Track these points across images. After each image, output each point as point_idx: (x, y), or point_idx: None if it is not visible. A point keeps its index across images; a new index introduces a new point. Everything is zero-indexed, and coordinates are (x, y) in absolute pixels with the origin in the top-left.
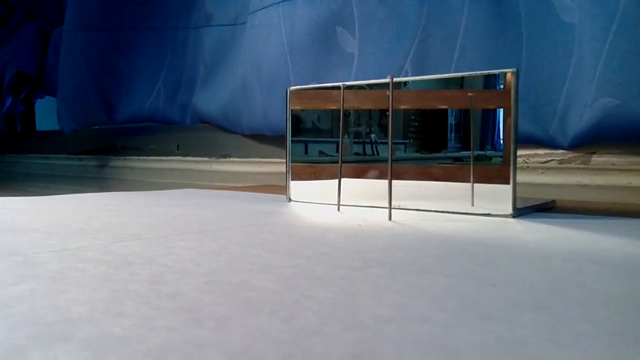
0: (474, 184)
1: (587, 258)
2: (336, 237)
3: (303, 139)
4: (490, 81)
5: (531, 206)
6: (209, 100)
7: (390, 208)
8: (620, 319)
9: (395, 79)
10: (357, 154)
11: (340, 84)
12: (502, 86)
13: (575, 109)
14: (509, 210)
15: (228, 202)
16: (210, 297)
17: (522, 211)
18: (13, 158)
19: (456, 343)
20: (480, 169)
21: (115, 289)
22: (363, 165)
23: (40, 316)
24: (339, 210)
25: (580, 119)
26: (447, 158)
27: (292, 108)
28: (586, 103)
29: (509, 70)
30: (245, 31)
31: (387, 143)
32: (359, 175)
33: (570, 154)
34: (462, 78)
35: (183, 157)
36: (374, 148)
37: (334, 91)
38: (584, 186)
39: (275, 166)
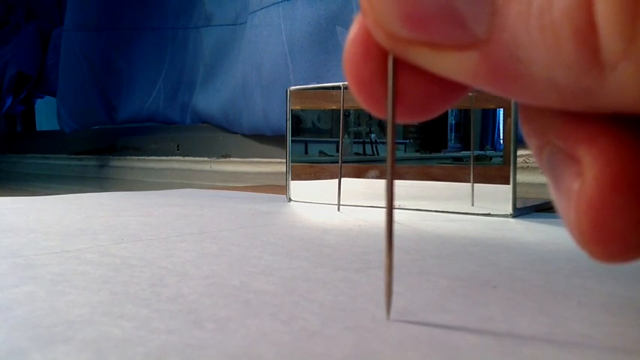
0: (474, 184)
1: (588, 258)
2: (336, 238)
3: (303, 139)
4: None
5: (531, 206)
6: (209, 100)
7: None
8: (622, 320)
9: None
10: (357, 154)
11: (340, 84)
12: None
13: None
14: (510, 210)
15: (228, 203)
16: (211, 299)
17: (522, 211)
18: (13, 158)
19: (456, 344)
20: (480, 169)
21: (115, 291)
22: (363, 165)
23: (41, 318)
24: (339, 210)
25: None
26: (447, 158)
27: (292, 108)
28: None
29: None
30: (245, 31)
31: (386, 143)
32: (359, 174)
33: None
34: None
35: (183, 157)
36: (374, 148)
37: (334, 91)
38: None
39: (275, 166)
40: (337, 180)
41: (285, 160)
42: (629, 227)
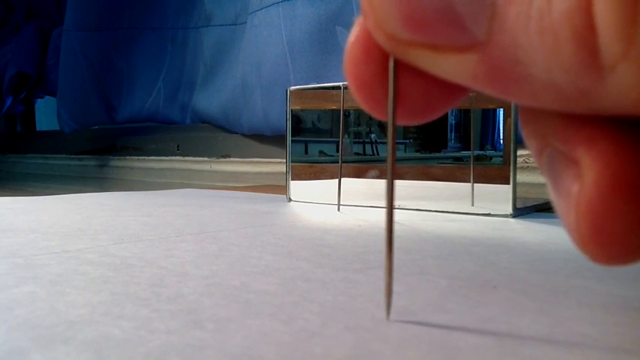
0: (474, 184)
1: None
2: (336, 238)
3: (303, 139)
4: None
5: (531, 206)
6: (209, 100)
7: None
8: (622, 320)
9: None
10: (357, 154)
11: (340, 84)
12: None
13: None
14: (510, 210)
15: (228, 203)
16: (211, 299)
17: (522, 211)
18: (13, 158)
19: (456, 344)
20: (480, 169)
21: (115, 291)
22: (363, 165)
23: (41, 318)
24: (339, 210)
25: None
26: (447, 158)
27: (292, 108)
28: None
29: None
30: (245, 31)
31: (386, 143)
32: (359, 174)
33: None
34: None
35: (183, 157)
36: (374, 148)
37: (334, 91)
38: None
39: (275, 166)
40: (337, 180)
41: (285, 160)
42: (629, 230)
